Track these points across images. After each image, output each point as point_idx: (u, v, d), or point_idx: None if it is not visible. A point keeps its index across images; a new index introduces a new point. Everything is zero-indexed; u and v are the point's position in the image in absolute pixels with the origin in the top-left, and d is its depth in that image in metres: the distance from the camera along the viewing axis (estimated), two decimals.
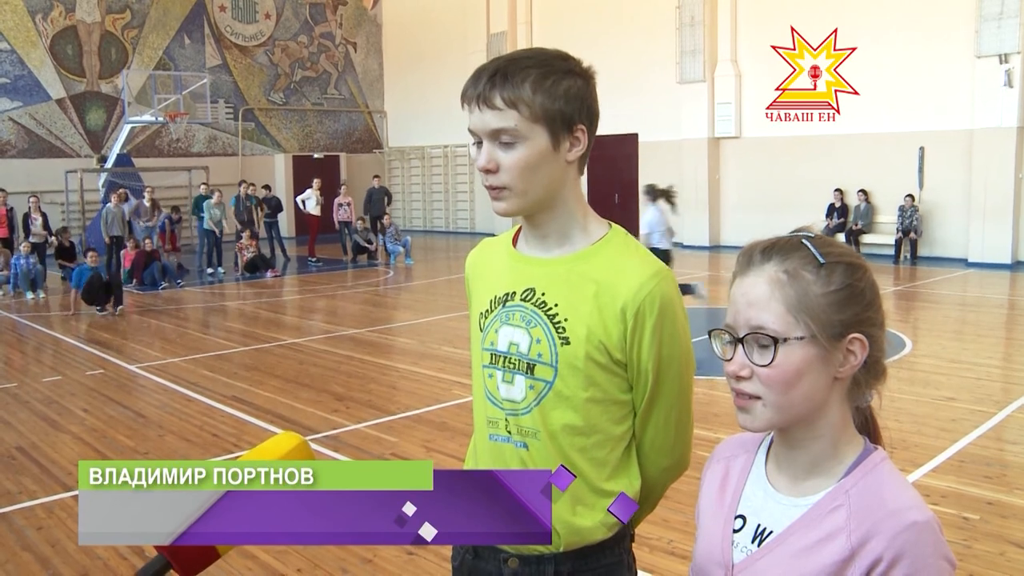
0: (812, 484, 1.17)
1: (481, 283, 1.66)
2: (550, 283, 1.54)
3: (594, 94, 1.54)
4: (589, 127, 1.53)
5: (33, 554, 4.03)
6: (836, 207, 15.61)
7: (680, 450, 1.62)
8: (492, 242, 1.72)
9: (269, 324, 10.53)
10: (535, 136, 1.47)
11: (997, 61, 13.63)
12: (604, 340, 1.49)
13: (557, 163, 1.50)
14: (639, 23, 18.26)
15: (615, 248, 1.55)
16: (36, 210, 14.78)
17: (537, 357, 1.52)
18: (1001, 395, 6.48)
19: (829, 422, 1.16)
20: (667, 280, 1.52)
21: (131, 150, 19.46)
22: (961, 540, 3.88)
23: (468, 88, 1.49)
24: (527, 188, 1.49)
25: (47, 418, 6.40)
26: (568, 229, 1.56)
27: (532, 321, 1.53)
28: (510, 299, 1.56)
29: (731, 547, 1.22)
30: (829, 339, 1.12)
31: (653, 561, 3.77)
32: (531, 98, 1.45)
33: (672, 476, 1.66)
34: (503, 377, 1.55)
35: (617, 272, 1.51)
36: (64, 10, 19.54)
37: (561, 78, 1.48)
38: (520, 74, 1.45)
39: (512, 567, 1.56)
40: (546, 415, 1.52)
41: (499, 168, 1.48)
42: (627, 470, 1.58)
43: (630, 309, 1.48)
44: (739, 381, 1.14)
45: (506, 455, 1.56)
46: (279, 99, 23.05)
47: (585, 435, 1.52)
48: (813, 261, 1.14)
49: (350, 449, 5.51)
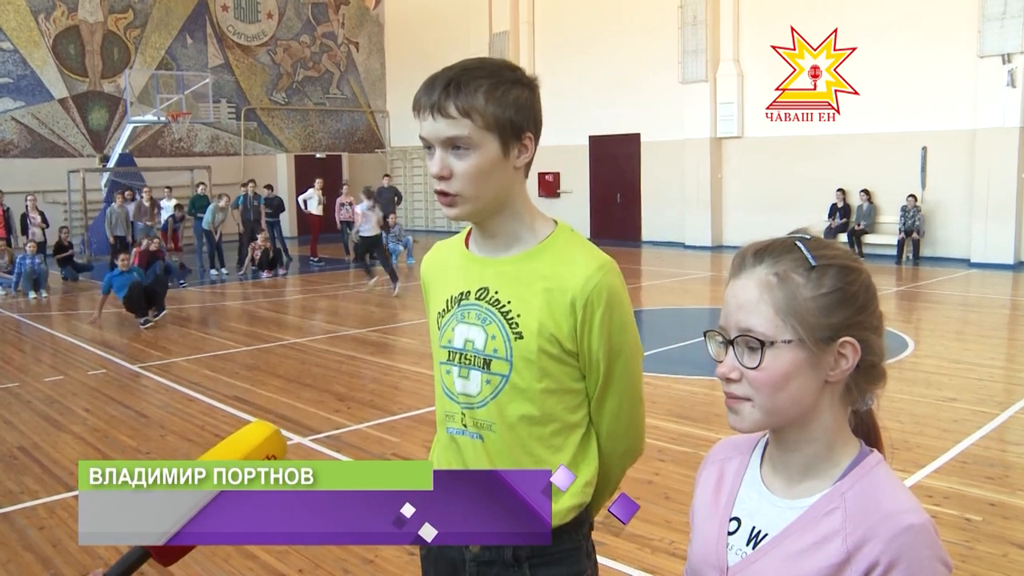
0: (807, 486, 1.16)
1: (437, 284, 1.73)
2: (502, 282, 1.61)
3: (539, 103, 1.61)
4: (535, 135, 1.59)
5: (35, 554, 4.03)
6: (839, 207, 15.59)
7: (634, 434, 1.70)
8: (445, 245, 1.80)
9: (271, 324, 10.53)
10: (487, 144, 1.52)
11: (1000, 61, 13.62)
12: (555, 333, 1.56)
13: (506, 170, 1.56)
14: (641, 22, 18.25)
15: (561, 244, 1.62)
16: (34, 209, 14.78)
17: (493, 352, 1.59)
18: (1003, 396, 6.47)
19: (822, 425, 1.16)
20: (612, 272, 1.59)
21: (133, 150, 19.49)
22: (963, 541, 3.88)
23: (421, 97, 1.54)
24: (478, 194, 1.55)
25: (49, 418, 6.41)
26: (517, 230, 1.63)
27: (487, 319, 1.60)
28: (465, 298, 1.64)
29: (726, 549, 1.21)
30: (818, 342, 1.11)
31: (655, 562, 3.76)
32: (484, 107, 1.50)
33: (628, 461, 1.74)
34: (459, 372, 1.63)
35: (565, 267, 1.58)
36: (67, 10, 19.57)
37: (510, 88, 1.53)
38: (473, 84, 1.50)
39: (473, 551, 1.62)
40: (503, 407, 1.59)
41: (452, 175, 1.53)
42: (585, 456, 1.65)
43: (579, 301, 1.55)
44: (729, 383, 1.14)
45: (462, 447, 1.64)
46: (281, 99, 23.06)
47: (542, 424, 1.59)
48: (804, 264, 1.13)
49: (351, 449, 5.51)
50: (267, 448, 1.22)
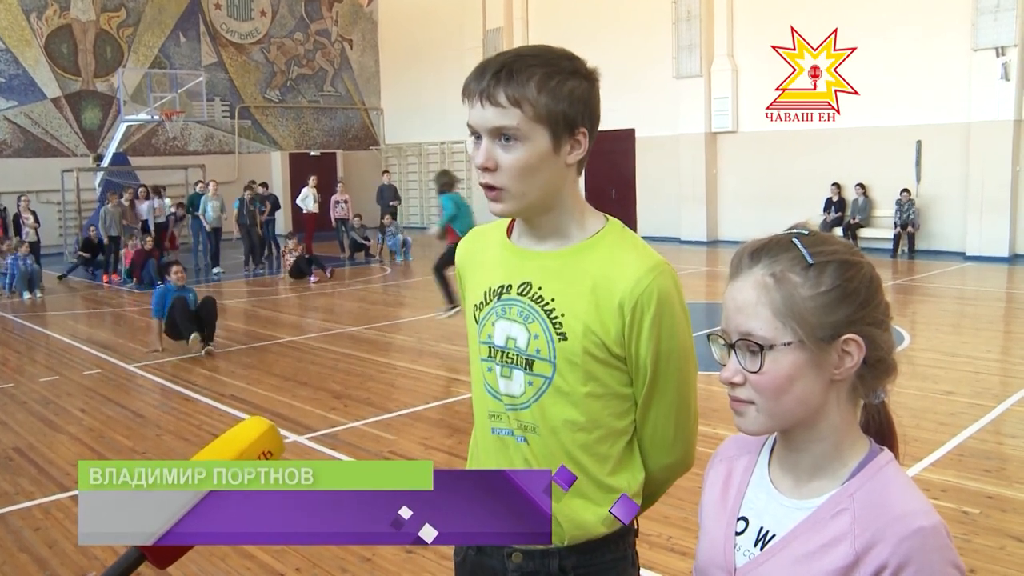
0: (816, 486, 1.14)
1: (474, 273, 1.64)
2: (546, 277, 1.52)
3: (597, 97, 1.52)
4: (590, 130, 1.50)
5: (31, 555, 4.02)
6: (834, 201, 15.61)
7: (681, 447, 1.60)
8: (484, 231, 1.69)
9: (266, 322, 10.50)
10: (536, 137, 1.44)
11: (994, 54, 13.62)
12: (601, 335, 1.47)
13: (556, 165, 1.47)
14: (636, 18, 18.23)
15: (612, 242, 1.53)
16: (26, 209, 14.70)
17: (535, 353, 1.50)
18: (1000, 389, 6.48)
19: (830, 424, 1.13)
20: (665, 274, 1.49)
21: (127, 149, 19.41)
22: (961, 534, 3.88)
23: (471, 82, 1.45)
24: (525, 190, 1.46)
25: (44, 418, 6.39)
26: (566, 226, 1.54)
27: (529, 316, 1.51)
28: (506, 292, 1.55)
29: (733, 550, 1.19)
30: (819, 342, 1.08)
31: (652, 557, 3.76)
32: (535, 97, 1.42)
33: (675, 474, 1.65)
34: (501, 372, 1.54)
35: (614, 266, 1.49)
36: (59, 8, 19.48)
37: (566, 79, 1.45)
38: (526, 72, 1.42)
39: (516, 561, 1.55)
40: (546, 410, 1.51)
41: (498, 167, 1.45)
42: (630, 464, 1.57)
43: (628, 303, 1.46)
44: (733, 387, 1.12)
45: (509, 449, 1.55)
46: (275, 96, 23.00)
47: (587, 431, 1.51)
48: (801, 262, 1.10)
49: (348, 447, 5.49)
50: (263, 444, 1.20)
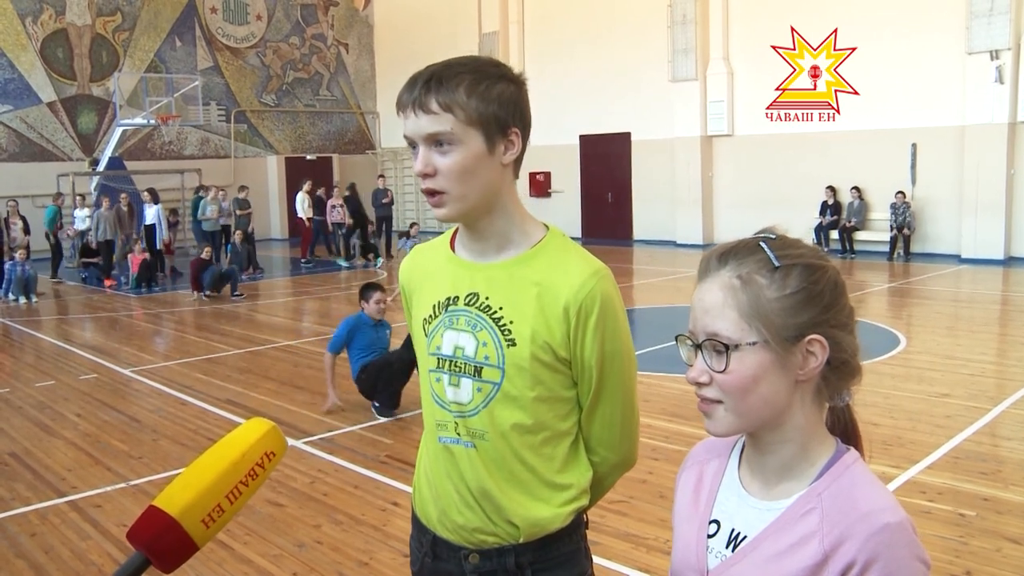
0: (784, 488, 1.17)
1: (420, 288, 1.70)
2: (493, 287, 1.58)
3: (526, 99, 1.57)
4: (523, 130, 1.56)
5: (27, 561, 4.01)
6: (829, 204, 15.64)
7: (627, 445, 1.68)
8: (426, 248, 1.76)
9: (263, 327, 10.49)
10: (470, 140, 1.49)
11: (988, 57, 13.67)
12: (548, 340, 1.54)
13: (493, 166, 1.53)
14: (631, 22, 18.27)
15: (554, 249, 1.59)
16: (15, 215, 14.62)
17: (484, 360, 1.56)
18: (995, 391, 6.49)
19: (795, 425, 1.15)
20: (606, 279, 1.57)
21: (123, 153, 19.41)
22: (957, 537, 3.89)
23: (403, 95, 1.51)
24: (466, 192, 1.51)
25: (40, 423, 6.37)
26: (508, 232, 1.59)
27: (477, 325, 1.57)
28: (453, 303, 1.60)
29: (706, 552, 1.22)
30: (784, 343, 1.11)
31: (649, 561, 3.76)
32: (466, 102, 1.47)
33: (620, 471, 1.72)
34: (449, 380, 1.59)
35: (558, 272, 1.55)
36: (54, 13, 19.47)
37: (495, 83, 1.50)
38: (455, 79, 1.48)
39: (473, 562, 1.61)
40: (495, 415, 1.56)
41: (436, 172, 1.50)
42: (577, 463, 1.64)
43: (572, 308, 1.53)
44: (700, 387, 1.15)
45: (456, 456, 1.60)
46: (271, 101, 23.00)
47: (533, 433, 1.57)
48: (768, 265, 1.12)
49: (345, 451, 5.49)
50: (265, 445, 1.20)
